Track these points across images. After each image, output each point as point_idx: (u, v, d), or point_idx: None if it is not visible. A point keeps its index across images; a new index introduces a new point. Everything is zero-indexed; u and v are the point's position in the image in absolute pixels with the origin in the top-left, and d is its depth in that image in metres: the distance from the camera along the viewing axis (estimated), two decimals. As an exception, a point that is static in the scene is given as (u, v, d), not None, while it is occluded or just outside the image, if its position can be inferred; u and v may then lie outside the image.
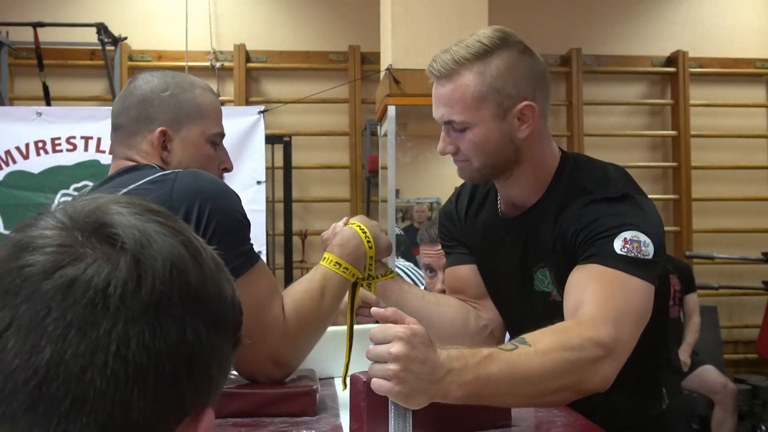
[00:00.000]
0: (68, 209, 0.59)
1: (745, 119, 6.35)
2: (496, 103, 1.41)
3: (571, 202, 1.45)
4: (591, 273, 1.34)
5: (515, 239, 1.54)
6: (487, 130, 1.42)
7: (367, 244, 1.54)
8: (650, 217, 1.42)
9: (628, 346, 1.27)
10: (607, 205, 1.41)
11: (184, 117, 1.51)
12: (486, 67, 1.41)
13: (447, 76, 1.42)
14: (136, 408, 0.54)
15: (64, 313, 0.53)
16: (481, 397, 1.12)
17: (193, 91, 1.54)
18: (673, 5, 6.34)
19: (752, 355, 5.83)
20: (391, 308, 1.10)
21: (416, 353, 1.05)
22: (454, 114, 1.42)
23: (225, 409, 1.32)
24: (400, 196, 4.84)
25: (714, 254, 5.81)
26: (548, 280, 1.50)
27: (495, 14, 4.10)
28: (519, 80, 1.42)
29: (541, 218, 1.49)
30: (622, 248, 1.33)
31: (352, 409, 1.18)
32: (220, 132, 1.57)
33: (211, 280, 0.60)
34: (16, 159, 3.93)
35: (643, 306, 1.33)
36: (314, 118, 5.99)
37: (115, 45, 5.23)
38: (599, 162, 1.55)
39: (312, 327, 1.43)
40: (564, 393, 1.21)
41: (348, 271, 1.50)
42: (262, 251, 4.06)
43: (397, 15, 3.94)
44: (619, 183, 1.46)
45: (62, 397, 0.52)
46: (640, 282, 1.33)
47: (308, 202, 5.95)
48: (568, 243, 1.42)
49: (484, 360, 1.11)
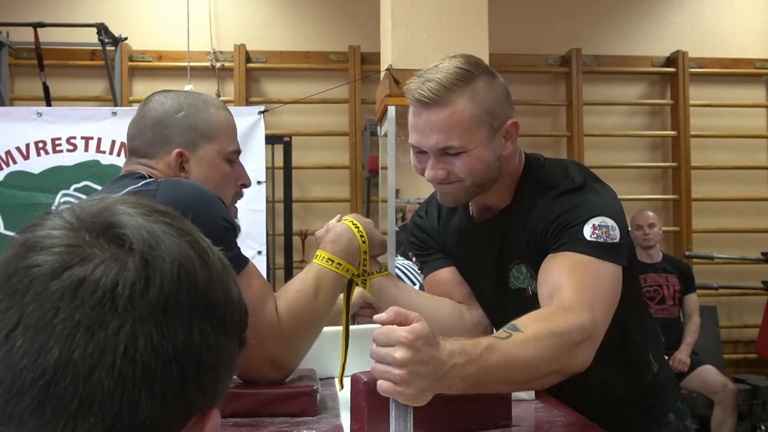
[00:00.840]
0: (76, 209, 0.59)
1: (744, 119, 6.35)
2: (489, 126, 1.45)
3: (538, 200, 1.51)
4: (564, 260, 1.40)
5: (490, 241, 1.59)
6: (482, 152, 1.46)
7: (361, 239, 1.53)
8: (612, 203, 1.49)
9: (603, 328, 1.33)
10: (570, 196, 1.48)
11: (199, 137, 1.52)
12: (475, 91, 1.44)
13: (438, 102, 1.42)
14: (143, 409, 0.54)
15: (72, 314, 0.53)
16: (480, 386, 1.14)
17: (207, 110, 1.56)
18: (673, 5, 6.34)
19: (752, 355, 5.84)
20: (391, 311, 1.09)
21: (420, 356, 1.05)
22: (452, 140, 1.43)
23: (225, 409, 1.32)
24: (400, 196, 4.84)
25: (714, 254, 5.81)
26: (524, 275, 1.56)
27: (495, 14, 4.10)
28: (501, 100, 1.48)
29: (512, 218, 1.55)
30: (591, 234, 1.40)
31: (352, 408, 1.18)
32: (236, 149, 1.58)
33: (218, 281, 0.61)
34: (17, 159, 3.92)
35: (615, 290, 1.40)
36: (314, 118, 5.99)
37: (115, 45, 5.23)
38: (556, 159, 1.64)
39: (307, 326, 1.43)
40: (552, 376, 1.25)
41: (341, 267, 1.49)
42: (262, 251, 4.05)
43: (397, 15, 3.94)
44: (578, 175, 1.53)
45: (70, 397, 0.53)
46: (611, 266, 1.40)
47: (308, 202, 5.95)
48: (540, 238, 1.48)
49: (485, 351, 1.13)
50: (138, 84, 5.96)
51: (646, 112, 6.36)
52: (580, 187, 1.49)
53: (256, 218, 4.04)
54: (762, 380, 5.39)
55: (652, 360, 1.69)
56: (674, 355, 4.65)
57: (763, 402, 5.22)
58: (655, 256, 4.93)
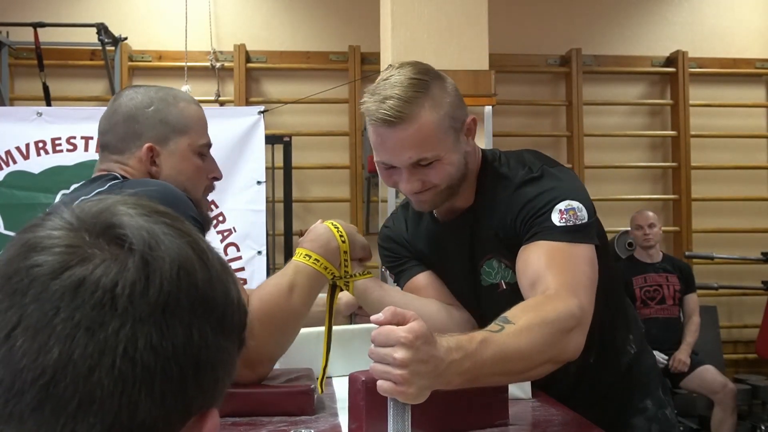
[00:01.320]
0: (76, 210, 0.59)
1: (744, 119, 6.35)
2: (452, 129, 1.48)
3: (499, 193, 1.53)
4: (539, 249, 1.42)
5: (458, 240, 1.61)
6: (453, 156, 1.49)
7: (340, 238, 1.54)
8: (573, 184, 1.51)
9: (590, 312, 1.35)
10: (531, 185, 1.50)
11: (170, 131, 1.54)
12: (433, 99, 1.44)
13: (403, 118, 1.41)
14: (142, 409, 0.54)
15: (73, 313, 0.53)
16: (477, 380, 1.15)
17: (178, 105, 1.57)
18: (673, 5, 6.34)
19: (752, 355, 5.83)
20: (388, 311, 1.09)
21: (420, 355, 1.05)
22: (425, 152, 1.45)
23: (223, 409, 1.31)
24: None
25: (714, 254, 5.81)
26: (495, 270, 1.57)
27: (495, 14, 4.10)
28: (455, 100, 1.50)
29: (478, 215, 1.58)
30: (560, 220, 1.43)
31: (350, 408, 1.18)
32: (206, 143, 1.60)
33: (217, 281, 0.61)
34: (17, 159, 3.93)
35: (593, 270, 1.42)
36: (314, 118, 5.99)
37: (115, 45, 5.23)
38: (512, 151, 1.65)
39: (280, 322, 1.42)
40: (546, 366, 1.26)
41: (319, 263, 1.49)
42: (262, 251, 4.06)
43: (397, 15, 3.94)
44: (535, 163, 1.55)
45: (70, 397, 0.53)
46: (585, 247, 1.42)
47: (308, 202, 5.95)
48: (509, 230, 1.50)
49: (480, 345, 1.13)
50: (138, 84, 5.95)
51: (646, 112, 6.36)
52: (540, 176, 1.51)
53: (256, 218, 4.04)
54: (762, 380, 5.39)
55: (630, 341, 1.70)
56: (674, 355, 4.66)
57: (763, 402, 5.22)
58: (655, 256, 4.94)
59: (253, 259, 4.05)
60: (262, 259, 4.02)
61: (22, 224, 0.61)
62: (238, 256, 4.01)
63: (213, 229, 3.96)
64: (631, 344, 1.70)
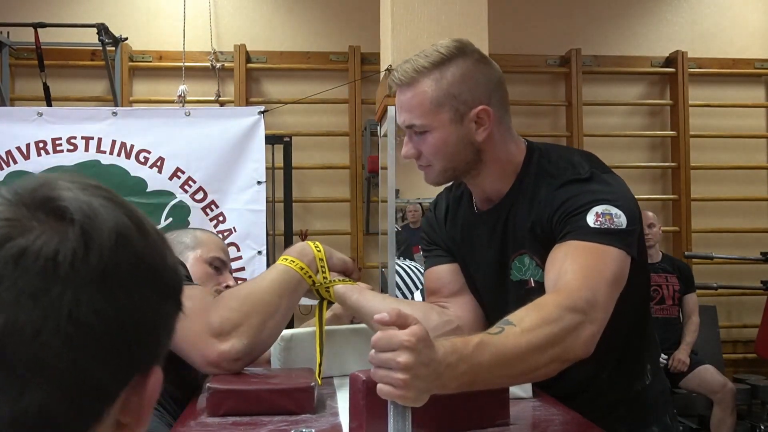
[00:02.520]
0: (15, 186, 0.62)
1: (744, 119, 6.36)
2: (453, 108, 1.50)
3: (542, 188, 1.52)
4: (567, 248, 1.41)
5: (492, 230, 1.61)
6: (446, 133, 1.51)
7: (315, 249, 1.68)
8: (619, 191, 1.49)
9: (605, 307, 1.31)
10: (575, 185, 1.48)
11: (184, 248, 1.91)
12: (442, 74, 1.50)
13: (407, 84, 1.52)
14: (89, 369, 0.57)
15: (16, 282, 0.55)
16: (476, 383, 1.14)
17: (194, 232, 2.02)
18: (672, 5, 6.35)
19: (751, 355, 5.84)
20: (394, 312, 1.09)
21: (422, 358, 1.05)
22: (415, 118, 1.52)
23: (223, 407, 1.33)
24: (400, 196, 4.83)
25: (713, 254, 5.81)
26: (526, 266, 1.56)
27: (495, 15, 4.10)
28: (475, 87, 1.51)
29: (515, 206, 1.57)
30: (595, 222, 1.40)
31: (351, 407, 1.19)
32: (217, 256, 1.93)
33: (155, 248, 0.64)
34: (17, 159, 3.93)
35: (618, 270, 1.38)
36: (314, 118, 6.00)
37: (115, 45, 5.24)
38: (565, 148, 1.64)
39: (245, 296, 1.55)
40: (552, 365, 1.24)
41: (295, 263, 1.62)
42: (262, 251, 4.06)
43: (397, 15, 3.94)
44: (585, 165, 1.53)
45: (18, 360, 0.55)
46: (615, 250, 1.39)
47: (308, 202, 5.95)
48: (545, 226, 1.49)
49: (476, 348, 1.13)
50: (138, 84, 5.97)
51: (645, 113, 6.37)
52: (586, 179, 1.49)
53: (256, 218, 4.04)
54: (761, 380, 5.39)
55: (648, 370, 1.66)
56: (674, 355, 4.66)
57: (762, 402, 5.23)
58: (655, 256, 4.94)
59: (253, 259, 4.05)
60: (262, 259, 4.03)
61: None
62: (239, 256, 4.01)
63: (213, 229, 3.97)
64: (648, 373, 1.66)
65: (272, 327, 1.56)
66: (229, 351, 1.47)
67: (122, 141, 3.94)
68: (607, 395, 1.60)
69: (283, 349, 1.66)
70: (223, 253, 1.97)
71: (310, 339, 1.63)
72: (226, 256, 1.99)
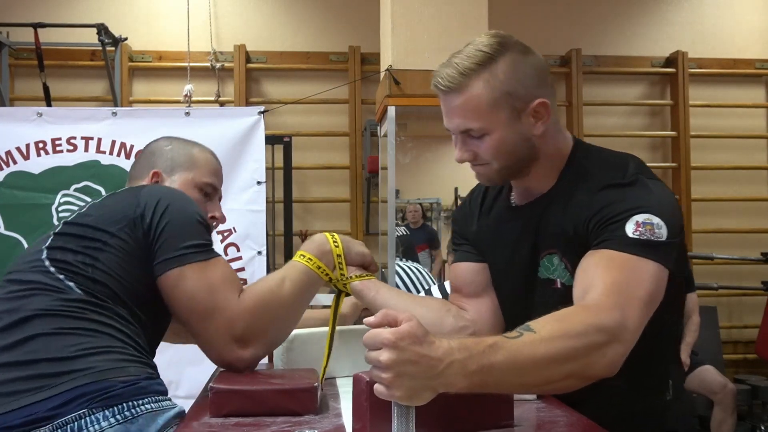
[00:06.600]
0: None
1: (744, 120, 6.36)
2: (510, 107, 1.45)
3: (582, 188, 1.47)
4: (601, 257, 1.34)
5: (526, 225, 1.56)
6: (505, 133, 1.46)
7: (333, 243, 1.66)
8: (663, 200, 1.41)
9: (636, 329, 1.25)
10: (618, 190, 1.41)
11: (177, 166, 1.79)
12: (492, 73, 1.44)
13: (455, 89, 1.45)
14: None
15: None
16: (486, 385, 1.11)
17: (192, 149, 1.84)
18: (672, 6, 6.35)
19: (751, 355, 5.84)
20: (380, 313, 1.09)
21: (407, 356, 1.04)
22: (471, 122, 1.46)
23: (226, 407, 1.32)
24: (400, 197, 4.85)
25: (713, 254, 5.81)
26: (554, 266, 1.50)
27: (495, 15, 4.10)
28: (526, 80, 1.45)
29: (552, 204, 1.51)
30: (634, 231, 1.34)
31: (354, 408, 1.18)
32: (210, 182, 1.82)
33: None
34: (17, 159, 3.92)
35: (654, 288, 1.31)
36: (314, 118, 5.99)
37: (115, 45, 5.23)
38: (611, 151, 1.56)
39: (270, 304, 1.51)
40: (569, 380, 1.19)
41: (312, 262, 1.61)
42: (262, 251, 4.05)
43: (397, 15, 3.94)
44: (630, 169, 1.46)
45: None
46: (653, 264, 1.32)
47: (308, 203, 5.95)
48: (581, 229, 1.43)
49: (489, 349, 1.10)
50: (138, 84, 5.96)
51: (646, 113, 6.37)
52: (629, 183, 1.43)
53: (256, 218, 4.03)
54: (762, 380, 5.39)
55: (670, 386, 1.57)
56: (674, 355, 4.66)
57: (762, 402, 5.22)
58: (655, 257, 4.93)
59: (253, 260, 4.04)
60: (262, 259, 4.02)
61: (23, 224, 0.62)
62: (239, 256, 4.00)
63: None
64: (669, 389, 1.57)
65: (289, 332, 1.60)
66: (248, 358, 1.49)
67: (122, 141, 3.93)
68: (622, 403, 1.51)
69: (286, 350, 1.65)
70: (216, 178, 1.84)
71: (313, 340, 1.63)
72: (219, 182, 1.87)
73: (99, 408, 1.33)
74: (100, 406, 1.33)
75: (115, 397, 1.34)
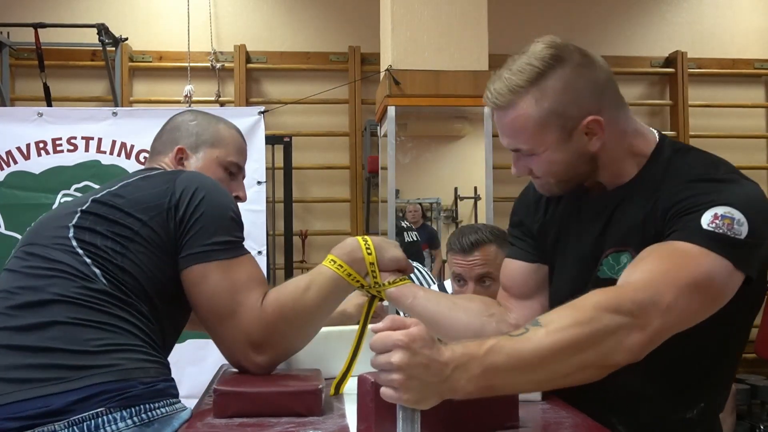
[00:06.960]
0: None
1: (743, 120, 6.36)
2: (559, 127, 1.37)
3: (667, 183, 1.37)
4: (659, 248, 1.25)
5: (595, 218, 1.47)
6: (554, 153, 1.39)
7: (366, 250, 1.58)
8: (752, 198, 1.29)
9: (667, 312, 1.15)
10: (704, 183, 1.32)
11: (202, 142, 1.73)
12: (542, 91, 1.35)
13: (504, 106, 1.38)
14: None
15: None
16: (494, 388, 1.09)
17: (217, 125, 1.78)
18: (672, 6, 6.35)
19: (751, 355, 5.84)
20: (388, 319, 1.07)
21: (418, 359, 1.03)
22: (520, 143, 1.40)
23: (230, 408, 1.32)
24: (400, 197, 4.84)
25: (713, 254, 5.81)
26: (621, 265, 1.39)
27: (494, 15, 4.10)
28: (579, 97, 1.37)
29: (628, 198, 1.43)
30: (710, 223, 1.23)
31: (359, 409, 1.18)
32: (235, 161, 1.76)
33: None
34: (17, 159, 3.92)
35: (705, 276, 1.20)
36: (314, 118, 5.99)
37: (115, 46, 5.24)
38: (704, 151, 1.47)
39: (291, 314, 1.46)
40: (588, 371, 1.13)
41: (342, 269, 1.54)
42: (262, 251, 4.05)
43: (397, 15, 3.94)
44: (724, 167, 1.38)
45: None
46: (720, 258, 1.21)
47: (308, 203, 5.95)
48: (658, 223, 1.34)
49: (489, 350, 1.07)
50: (138, 84, 5.96)
51: (645, 113, 6.37)
52: (722, 179, 1.32)
53: (256, 218, 4.03)
54: (761, 380, 5.39)
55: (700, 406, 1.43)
56: (674, 355, 4.66)
57: (762, 402, 5.23)
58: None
59: (253, 260, 4.05)
60: (262, 259, 4.01)
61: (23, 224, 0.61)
62: (239, 256, 4.01)
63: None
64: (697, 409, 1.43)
65: (309, 339, 1.55)
66: (263, 364, 1.46)
67: (122, 141, 3.93)
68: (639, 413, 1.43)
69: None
70: (242, 157, 1.78)
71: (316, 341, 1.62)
72: (244, 160, 1.80)
73: (117, 408, 1.29)
74: (118, 406, 1.29)
75: (134, 398, 1.31)
